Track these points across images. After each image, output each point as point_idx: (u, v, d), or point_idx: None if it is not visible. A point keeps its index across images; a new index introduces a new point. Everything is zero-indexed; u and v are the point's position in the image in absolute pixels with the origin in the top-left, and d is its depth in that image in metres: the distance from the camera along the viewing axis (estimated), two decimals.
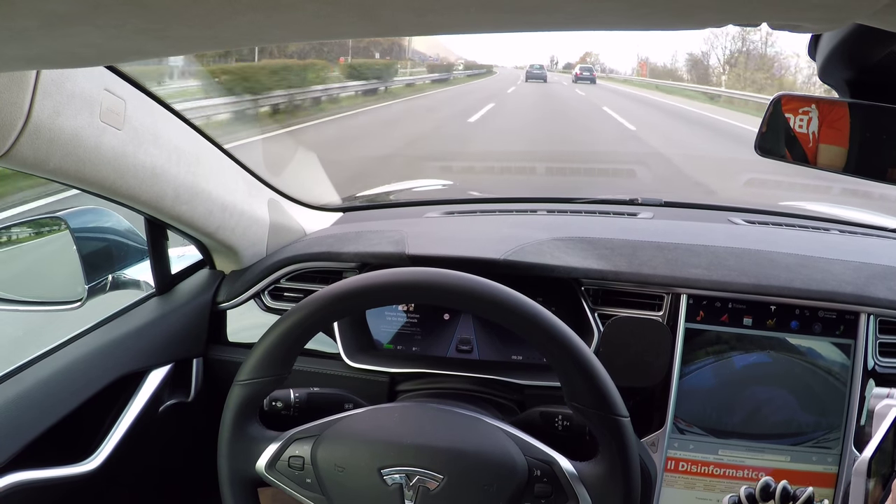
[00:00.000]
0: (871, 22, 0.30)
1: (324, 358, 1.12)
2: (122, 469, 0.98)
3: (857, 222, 1.42)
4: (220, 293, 1.17)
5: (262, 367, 0.78)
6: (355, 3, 0.26)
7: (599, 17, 0.28)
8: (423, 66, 29.16)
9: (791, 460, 1.04)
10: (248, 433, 0.79)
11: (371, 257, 1.12)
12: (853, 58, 0.58)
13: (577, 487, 0.74)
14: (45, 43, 0.29)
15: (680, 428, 1.05)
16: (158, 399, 1.05)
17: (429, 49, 38.04)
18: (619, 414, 0.74)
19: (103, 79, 0.73)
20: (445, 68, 30.44)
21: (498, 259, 1.07)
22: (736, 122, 12.39)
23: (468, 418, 0.80)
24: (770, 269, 1.06)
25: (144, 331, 1.04)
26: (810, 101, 0.65)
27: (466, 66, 38.82)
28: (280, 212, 1.23)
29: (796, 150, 0.66)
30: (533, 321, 0.73)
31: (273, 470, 0.78)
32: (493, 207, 1.47)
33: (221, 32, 0.29)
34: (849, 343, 1.03)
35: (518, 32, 0.31)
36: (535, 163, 6.79)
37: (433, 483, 0.74)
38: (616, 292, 1.09)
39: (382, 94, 16.37)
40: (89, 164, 0.73)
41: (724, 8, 0.27)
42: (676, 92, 25.05)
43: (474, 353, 1.12)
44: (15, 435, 0.83)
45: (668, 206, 1.48)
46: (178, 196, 0.91)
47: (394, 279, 0.77)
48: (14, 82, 0.60)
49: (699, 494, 1.07)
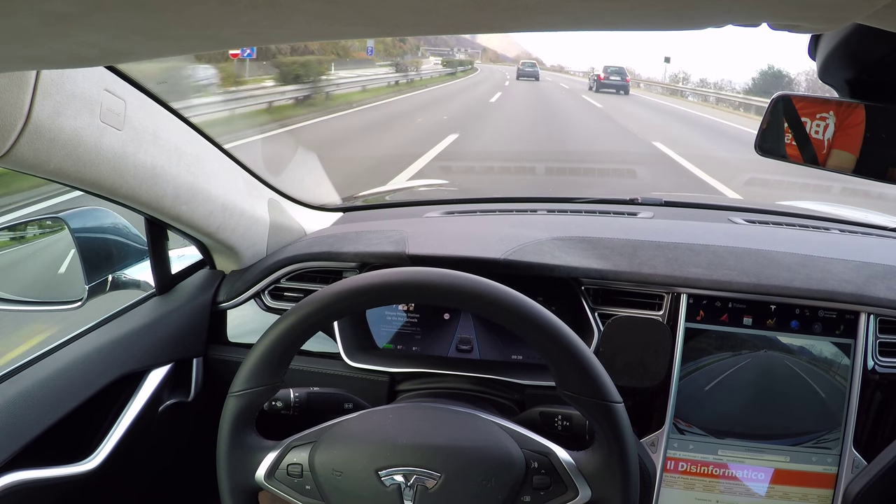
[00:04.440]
0: (871, 22, 0.30)
1: (324, 358, 1.12)
2: (122, 468, 0.98)
3: (857, 221, 1.43)
4: (220, 293, 1.17)
5: (256, 376, 0.77)
6: (355, 3, 0.26)
7: (599, 17, 0.28)
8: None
9: (791, 461, 1.04)
10: (245, 444, 0.79)
11: (371, 257, 1.12)
12: (853, 58, 0.59)
13: (575, 477, 0.74)
14: (45, 43, 0.29)
15: (679, 428, 1.05)
16: (158, 399, 1.06)
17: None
18: (611, 400, 0.74)
19: (103, 79, 0.73)
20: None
21: (498, 259, 1.07)
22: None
23: (463, 415, 0.80)
24: (770, 268, 1.06)
25: (144, 330, 1.04)
26: (828, 105, 0.64)
27: (445, 62, 35.47)
28: (280, 212, 1.23)
29: (808, 153, 0.66)
30: (520, 312, 0.73)
31: (272, 479, 0.78)
32: (493, 207, 1.48)
33: (221, 32, 0.29)
34: (849, 343, 1.03)
35: (518, 32, 0.31)
36: (535, 163, 6.73)
37: (431, 482, 0.74)
38: (616, 292, 1.09)
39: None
40: (89, 164, 0.73)
41: (723, 8, 0.27)
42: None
43: (474, 353, 1.12)
44: (15, 434, 0.83)
45: (668, 205, 1.48)
46: (178, 196, 0.91)
47: (365, 282, 0.76)
48: (14, 82, 0.60)
49: (699, 495, 1.07)
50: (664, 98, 27.35)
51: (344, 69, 19.94)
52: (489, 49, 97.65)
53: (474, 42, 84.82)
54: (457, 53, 61.20)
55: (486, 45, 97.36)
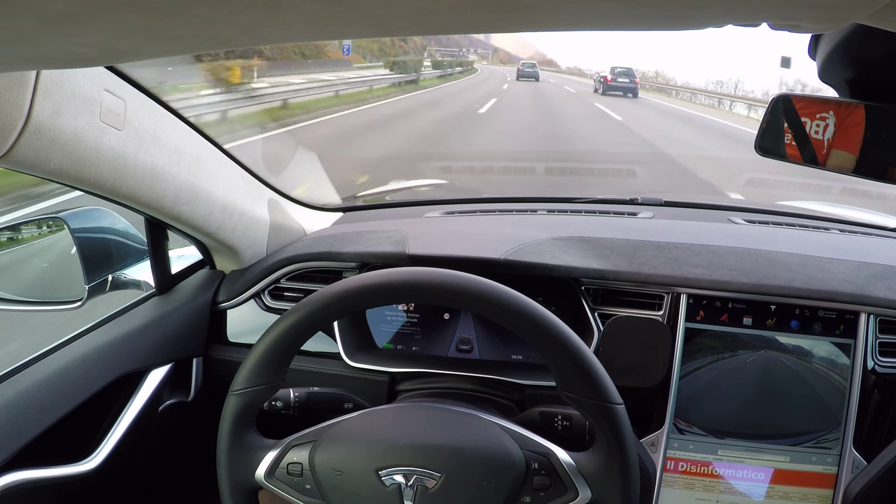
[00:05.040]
0: (871, 22, 0.30)
1: (324, 357, 1.12)
2: (122, 468, 0.98)
3: (857, 221, 1.43)
4: (220, 293, 1.17)
5: (257, 375, 0.77)
6: (355, 3, 0.26)
7: (599, 17, 0.28)
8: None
9: (791, 461, 1.04)
10: (245, 443, 0.79)
11: (371, 257, 1.12)
12: (853, 58, 0.59)
13: (575, 478, 0.74)
14: (45, 43, 0.29)
15: (679, 428, 1.05)
16: (158, 398, 1.06)
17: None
18: (612, 401, 0.74)
19: (103, 79, 0.73)
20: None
21: (498, 259, 1.07)
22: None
23: (464, 415, 0.80)
24: (770, 268, 1.06)
25: (144, 330, 1.04)
26: (828, 105, 0.64)
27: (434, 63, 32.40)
28: (280, 212, 1.23)
29: (807, 153, 0.66)
30: (520, 313, 0.73)
31: (272, 478, 0.78)
32: (493, 207, 1.48)
33: (221, 32, 0.29)
34: (849, 343, 1.03)
35: (518, 32, 0.31)
36: (534, 163, 6.71)
37: (431, 482, 0.74)
38: (616, 292, 1.09)
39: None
40: (89, 164, 0.73)
41: (723, 8, 0.27)
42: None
43: (474, 353, 1.12)
44: (14, 434, 0.83)
45: (668, 205, 1.48)
46: (178, 196, 0.91)
47: (365, 282, 0.76)
48: (14, 82, 0.60)
49: (698, 495, 1.07)
50: (709, 111, 20.41)
51: (291, 73, 16.15)
52: (501, 50, 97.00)
53: (486, 42, 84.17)
54: (469, 54, 60.82)
55: (499, 46, 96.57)
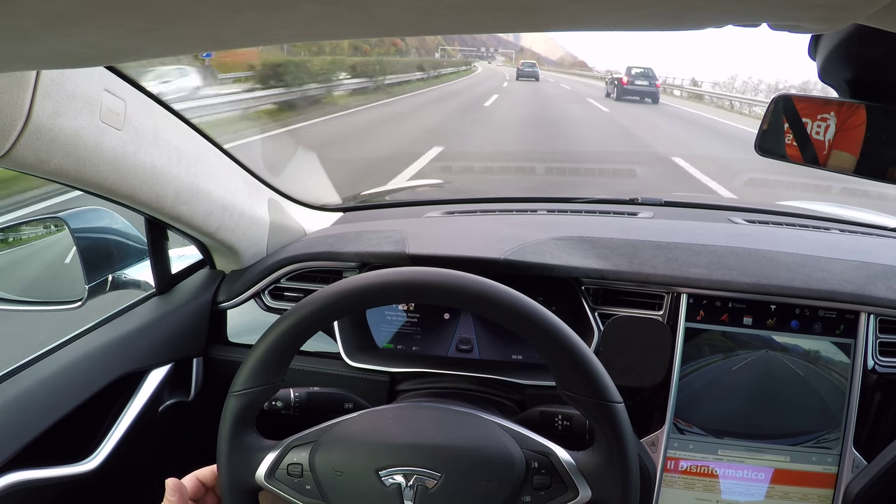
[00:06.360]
0: (871, 22, 0.30)
1: (324, 357, 1.12)
2: (122, 468, 0.98)
3: (857, 221, 1.43)
4: (220, 293, 1.17)
5: (257, 376, 0.77)
6: (355, 3, 0.26)
7: (599, 17, 0.28)
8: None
9: (791, 460, 1.04)
10: (245, 443, 0.79)
11: (371, 257, 1.12)
12: (853, 58, 0.59)
13: (575, 477, 0.74)
14: (45, 43, 0.29)
15: (679, 428, 1.05)
16: (158, 398, 1.06)
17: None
18: (611, 400, 0.73)
19: (103, 79, 0.73)
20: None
21: (498, 258, 1.07)
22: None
23: (463, 415, 0.80)
24: (770, 268, 1.06)
25: (144, 330, 1.05)
26: (829, 106, 0.64)
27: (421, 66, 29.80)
28: (280, 212, 1.23)
29: (808, 154, 0.66)
30: (520, 312, 0.73)
31: (272, 478, 0.78)
32: (494, 207, 1.48)
33: (221, 32, 0.29)
34: (849, 342, 1.03)
35: (518, 32, 0.31)
36: (534, 163, 6.70)
37: (431, 481, 0.74)
38: (616, 292, 1.09)
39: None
40: (89, 164, 0.73)
41: (723, 8, 0.27)
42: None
43: (474, 353, 1.12)
44: (15, 434, 0.83)
45: (668, 205, 1.48)
46: (178, 196, 0.91)
47: (365, 282, 0.76)
48: (14, 82, 0.60)
49: (698, 495, 1.07)
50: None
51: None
52: (527, 49, 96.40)
53: (514, 42, 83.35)
54: (496, 54, 61.26)
55: (526, 46, 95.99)
